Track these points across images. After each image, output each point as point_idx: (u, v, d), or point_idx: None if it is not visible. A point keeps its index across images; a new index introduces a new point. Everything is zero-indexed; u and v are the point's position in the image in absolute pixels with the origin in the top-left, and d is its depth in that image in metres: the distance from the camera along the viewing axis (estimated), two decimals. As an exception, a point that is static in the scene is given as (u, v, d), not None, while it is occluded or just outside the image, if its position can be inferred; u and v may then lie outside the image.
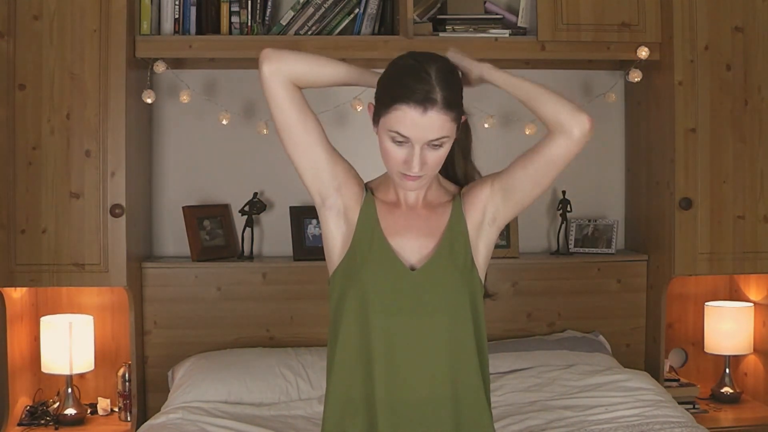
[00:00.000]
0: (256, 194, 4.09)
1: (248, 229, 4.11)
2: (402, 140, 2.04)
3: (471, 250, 2.18)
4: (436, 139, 2.03)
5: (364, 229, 2.16)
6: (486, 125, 4.05)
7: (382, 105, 2.08)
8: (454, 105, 2.04)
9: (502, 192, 2.17)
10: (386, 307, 2.12)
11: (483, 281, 2.21)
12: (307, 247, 4.07)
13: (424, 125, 2.02)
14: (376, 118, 2.11)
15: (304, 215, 4.07)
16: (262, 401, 3.57)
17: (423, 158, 2.05)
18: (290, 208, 4.12)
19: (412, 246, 2.16)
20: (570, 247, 4.23)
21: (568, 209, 4.19)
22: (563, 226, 4.23)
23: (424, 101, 2.01)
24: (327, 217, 2.19)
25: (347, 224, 2.18)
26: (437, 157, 2.07)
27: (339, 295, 2.18)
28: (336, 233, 2.19)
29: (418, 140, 2.03)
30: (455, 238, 2.17)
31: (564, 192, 4.19)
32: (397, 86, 2.05)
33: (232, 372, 3.66)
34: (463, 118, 2.15)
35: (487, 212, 2.19)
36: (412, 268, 2.15)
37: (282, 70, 2.06)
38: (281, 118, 2.12)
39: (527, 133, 4.05)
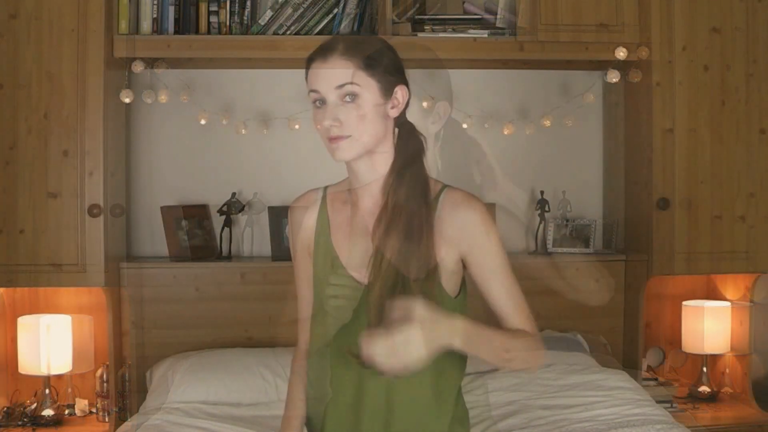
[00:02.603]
0: (234, 194, 4.08)
1: (226, 229, 4.10)
2: (317, 98, 2.03)
3: (435, 258, 2.06)
4: (342, 86, 1.99)
5: (318, 256, 2.17)
6: (464, 125, 4.05)
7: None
8: (359, 53, 2.01)
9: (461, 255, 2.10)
10: (349, 329, 2.07)
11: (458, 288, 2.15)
12: (286, 247, 4.05)
13: (326, 72, 2.00)
14: None
15: (282, 215, 4.06)
16: (241, 401, 3.56)
17: (335, 113, 2.00)
18: (269, 208, 4.11)
19: (365, 257, 2.07)
20: (548, 246, 4.24)
21: (546, 209, 4.20)
22: (541, 225, 4.24)
23: (325, 51, 2.02)
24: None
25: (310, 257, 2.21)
26: (354, 113, 2.00)
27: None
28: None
29: (326, 91, 2.00)
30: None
31: (542, 192, 4.20)
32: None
33: (211, 372, 3.64)
34: (401, 88, 2.07)
35: (460, 245, 2.09)
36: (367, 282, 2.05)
37: None
38: None
39: (505, 132, 4.08)
